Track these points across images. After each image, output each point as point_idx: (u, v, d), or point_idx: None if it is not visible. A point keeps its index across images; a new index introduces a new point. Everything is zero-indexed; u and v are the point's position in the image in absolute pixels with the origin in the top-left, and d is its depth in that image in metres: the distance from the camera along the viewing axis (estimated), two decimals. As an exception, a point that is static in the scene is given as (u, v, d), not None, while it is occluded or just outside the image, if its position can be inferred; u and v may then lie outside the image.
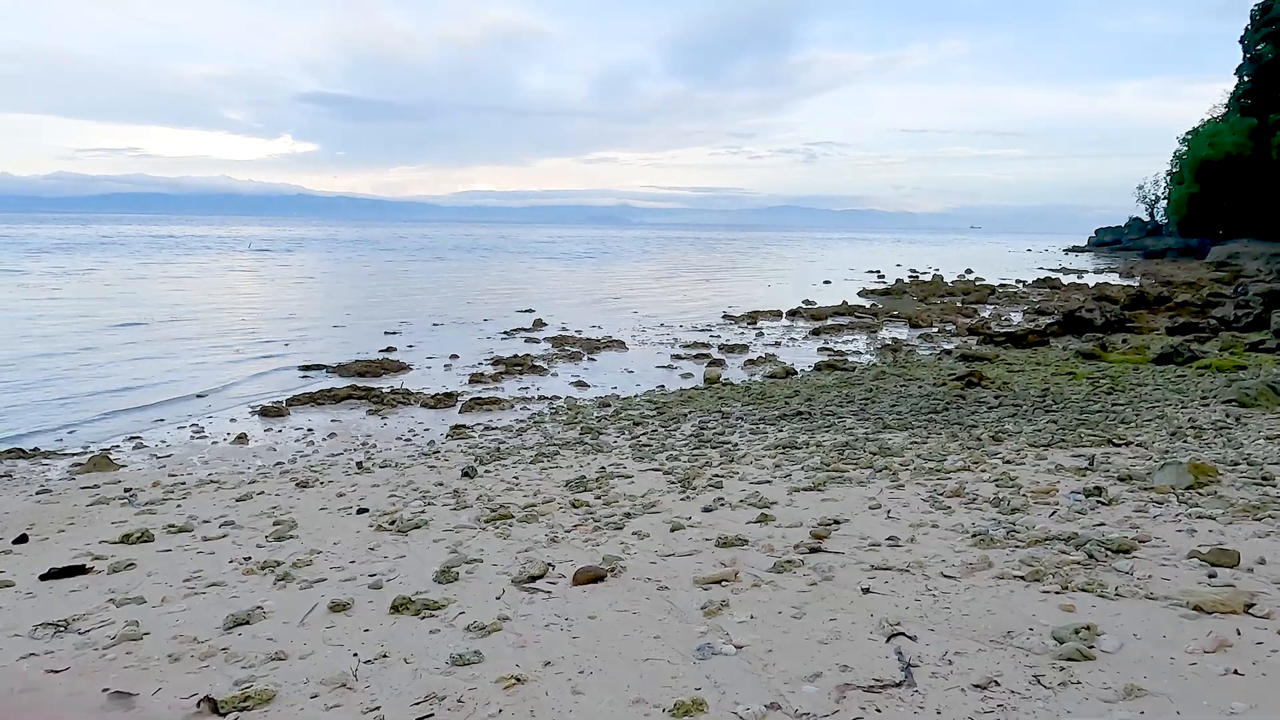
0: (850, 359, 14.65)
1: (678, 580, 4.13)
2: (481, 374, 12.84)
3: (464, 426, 9.17)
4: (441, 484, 6.51)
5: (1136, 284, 34.98)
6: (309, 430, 9.32)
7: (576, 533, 5.04)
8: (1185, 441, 7.20)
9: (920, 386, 11.15)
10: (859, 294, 30.50)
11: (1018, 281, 36.81)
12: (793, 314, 22.42)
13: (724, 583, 4.07)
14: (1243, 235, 56.02)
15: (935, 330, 19.25)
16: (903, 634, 3.38)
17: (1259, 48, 62.48)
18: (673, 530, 5.00)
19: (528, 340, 17.25)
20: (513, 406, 10.56)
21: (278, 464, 7.62)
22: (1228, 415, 8.28)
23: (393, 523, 5.36)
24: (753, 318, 21.44)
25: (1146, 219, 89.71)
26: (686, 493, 5.94)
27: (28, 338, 16.38)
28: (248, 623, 3.74)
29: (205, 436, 9.09)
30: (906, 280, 36.76)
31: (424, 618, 3.76)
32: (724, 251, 76.69)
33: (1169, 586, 3.79)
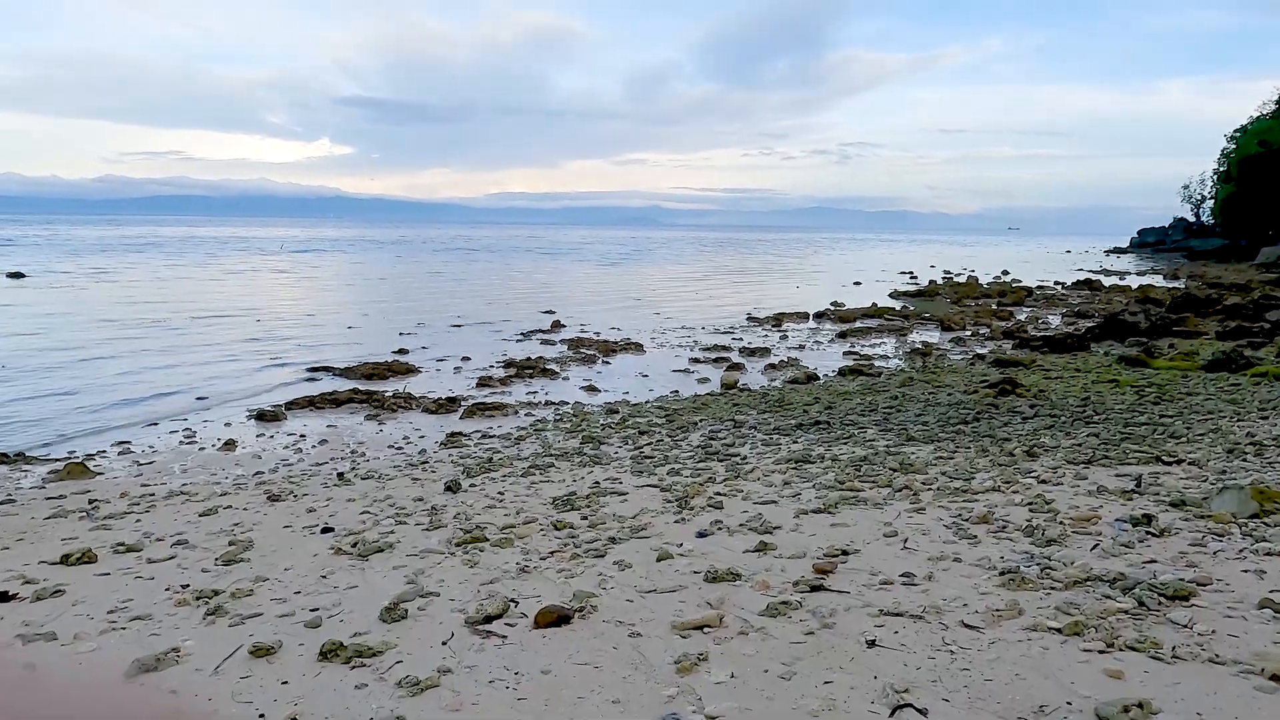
0: (877, 364, 13.95)
1: (653, 624, 3.59)
2: (490, 377, 12.39)
3: (460, 434, 8.70)
4: (421, 499, 6.03)
5: (1182, 286, 33.60)
6: (301, 436, 8.92)
7: (552, 560, 4.52)
8: (1244, 460, 6.47)
9: (950, 394, 10.46)
10: (890, 295, 29.63)
11: (1056, 284, 35.59)
12: (820, 316, 21.71)
13: (706, 628, 3.52)
14: (1294, 235, 53.83)
15: (968, 334, 18.43)
16: (911, 706, 2.80)
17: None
18: (659, 560, 4.45)
19: (544, 342, 16.80)
20: (516, 412, 10.08)
21: (257, 474, 7.21)
22: (1291, 430, 7.51)
23: (355, 545, 4.88)
24: (778, 320, 20.78)
25: (1192, 219, 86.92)
26: (682, 514, 5.39)
27: (40, 336, 16.32)
28: (155, 668, 3.27)
29: (194, 442, 8.74)
30: (940, 282, 35.73)
31: (354, 667, 3.26)
32: (754, 253, 75.80)
33: (1238, 647, 3.16)
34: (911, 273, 43.33)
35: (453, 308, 23.61)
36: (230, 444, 8.49)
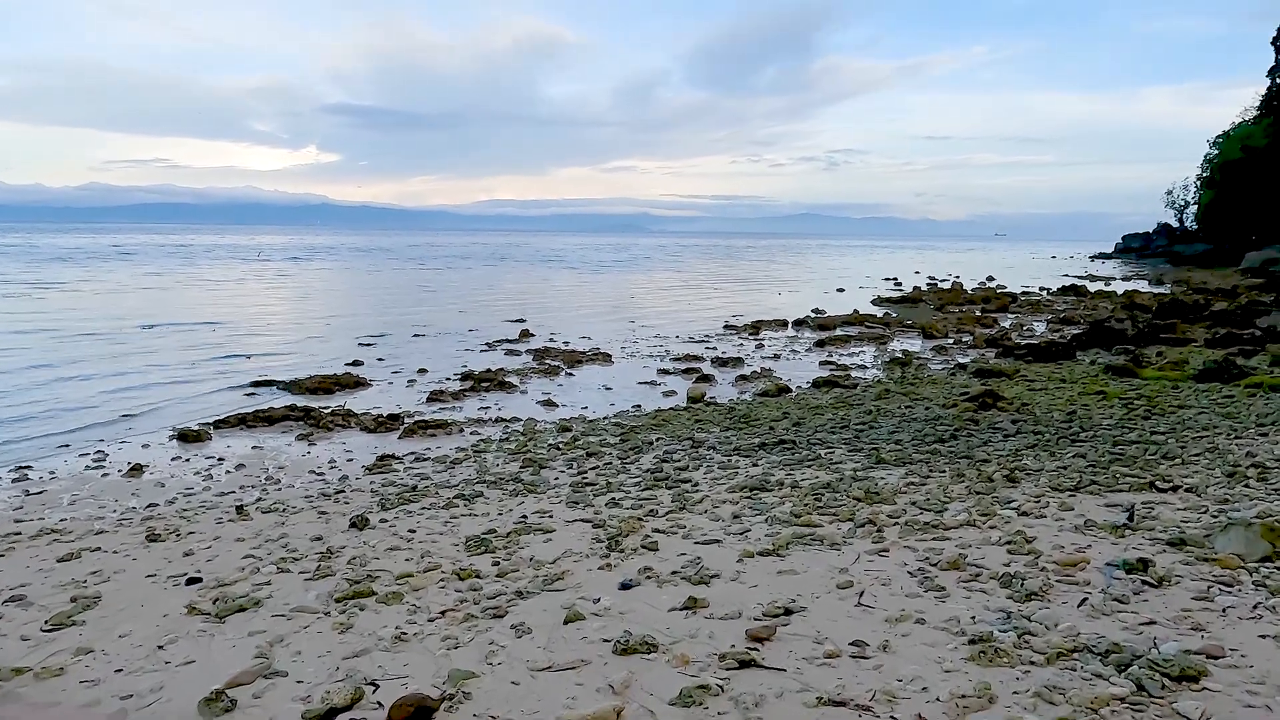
0: (854, 374, 13.29)
1: (535, 720, 2.87)
2: (443, 391, 11.63)
3: (392, 457, 7.95)
4: (320, 538, 5.29)
5: (1167, 291, 33.21)
6: (219, 460, 8.14)
7: (441, 622, 3.80)
8: (1247, 485, 5.82)
9: (927, 408, 9.80)
10: (873, 302, 29.05)
11: (1041, 289, 35.16)
12: (799, 324, 21.06)
13: (599, 727, 2.81)
14: (1275, 241, 53.76)
15: (951, 341, 17.82)
16: None
17: (1292, 49, 60.35)
18: (567, 621, 3.73)
19: (509, 352, 16.06)
20: (461, 431, 9.33)
21: (151, 505, 6.44)
22: (1294, 449, 6.88)
23: (218, 600, 4.14)
24: (756, 328, 20.11)
25: (1175, 224, 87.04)
26: (610, 557, 4.67)
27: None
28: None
29: (99, 467, 7.94)
30: (924, 288, 35.23)
31: (133, 791, 2.53)
32: (740, 259, 75.28)
33: (1267, 757, 2.47)
34: (896, 279, 42.83)
35: (420, 316, 22.82)
36: (137, 469, 7.71)
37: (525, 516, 5.63)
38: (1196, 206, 77.09)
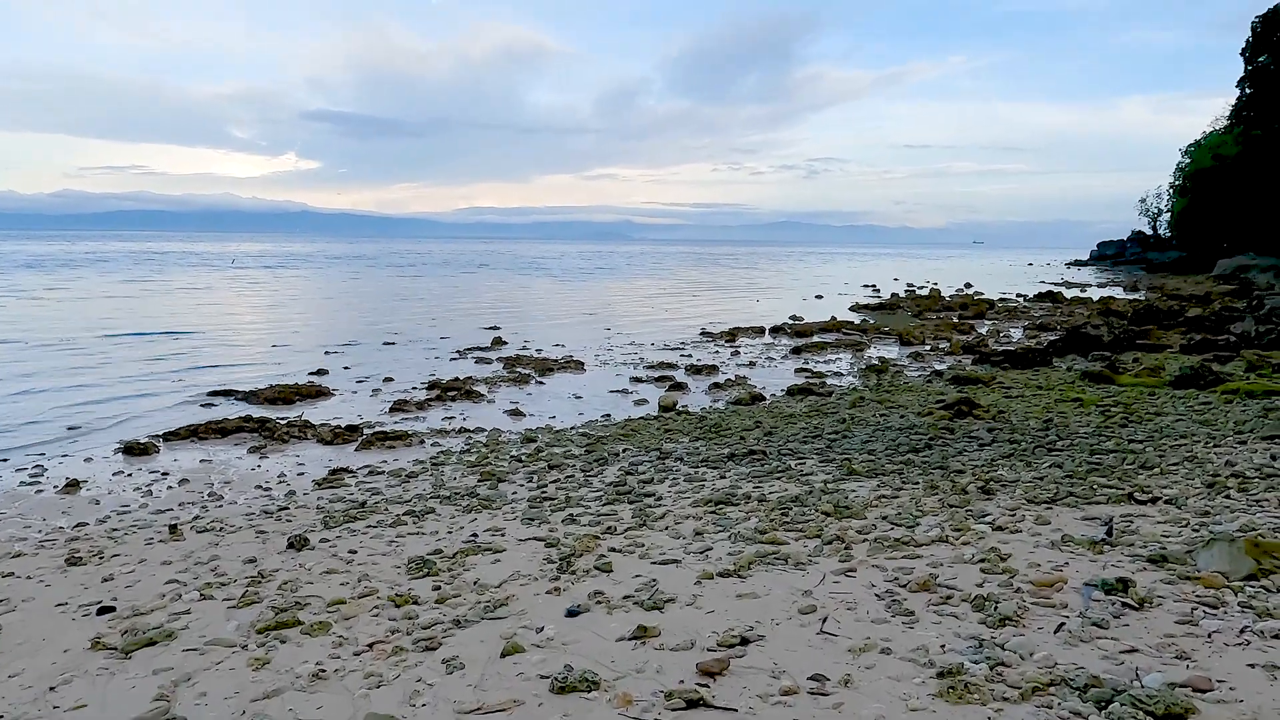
0: (829, 382, 13.08)
1: (453, 774, 2.56)
2: (407, 401, 11.27)
3: (346, 471, 7.60)
4: (254, 560, 4.95)
5: (1142, 297, 33.42)
6: (163, 475, 7.75)
7: (368, 656, 3.48)
8: (1227, 496, 5.62)
9: (902, 416, 9.58)
10: (851, 309, 28.95)
11: (1018, 296, 35.27)
12: (776, 331, 20.86)
13: (524, 781, 2.50)
14: (1246, 248, 54.56)
15: (928, 348, 17.68)
16: None
17: (1260, 59, 61.34)
18: (505, 654, 3.43)
19: (479, 360, 15.71)
20: (422, 442, 8.99)
21: (80, 525, 6.06)
22: (1273, 457, 6.70)
23: (126, 633, 3.79)
24: (732, 335, 19.89)
25: (1149, 232, 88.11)
26: (561, 579, 4.37)
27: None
28: None
29: (34, 483, 7.52)
30: (902, 295, 35.23)
31: None
32: (720, 266, 75.25)
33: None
34: (875, 285, 42.87)
35: (392, 324, 22.40)
36: (73, 485, 7.30)
37: (476, 535, 5.31)
38: (1170, 214, 78.02)
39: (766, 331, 20.86)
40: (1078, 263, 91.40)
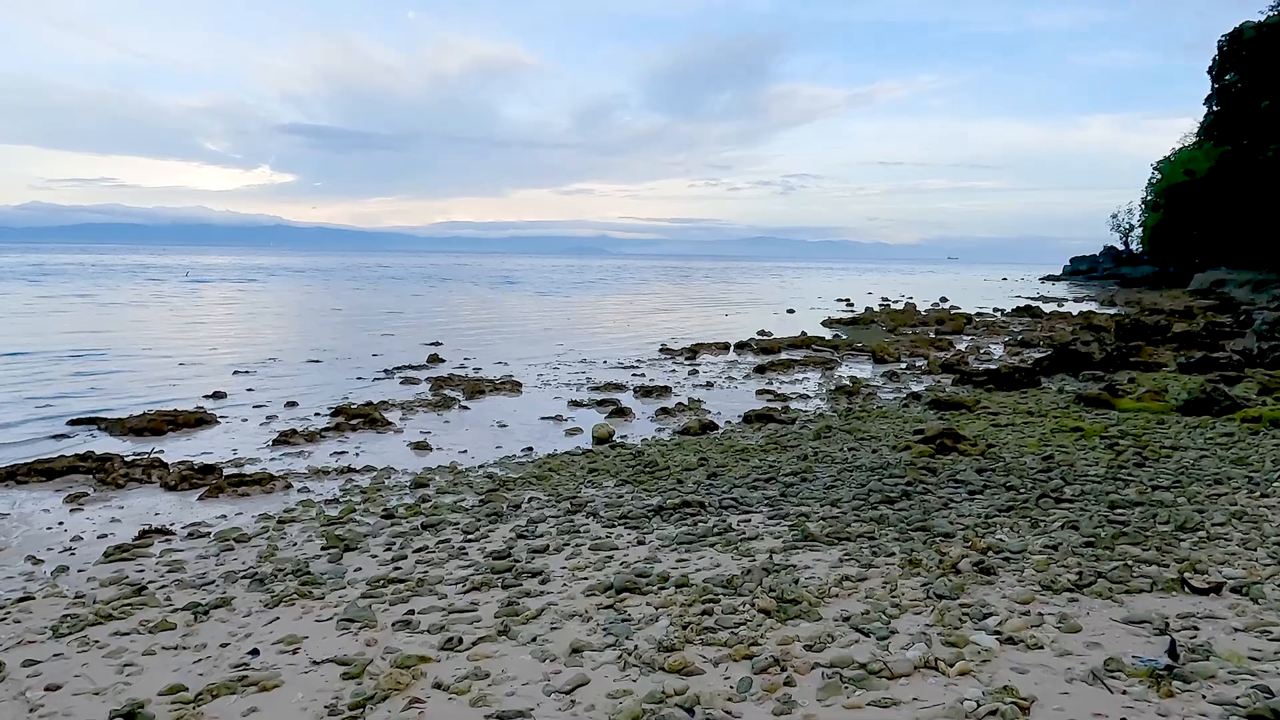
0: (793, 406, 11.55)
1: None
2: (295, 432, 9.56)
3: (159, 533, 5.88)
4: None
5: (1121, 312, 32.43)
6: (-73, 536, 5.99)
7: None
8: (1310, 576, 4.12)
9: (875, 451, 8.05)
10: (823, 324, 27.56)
11: (995, 310, 34.18)
12: (741, 347, 19.34)
13: None
14: (1218, 262, 54.25)
15: (903, 366, 16.25)
16: None
17: (1227, 77, 61.49)
18: None
19: (406, 381, 14.01)
20: (288, 487, 7.30)
21: None
22: (1344, 513, 5.24)
23: None
24: (693, 351, 18.33)
25: (1121, 247, 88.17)
26: (330, 753, 2.74)
27: None
28: None
29: None
30: (877, 309, 33.96)
31: None
32: (694, 281, 73.90)
33: None
34: (848, 300, 41.64)
35: (326, 340, 20.62)
36: None
37: (258, 650, 3.66)
38: (1141, 229, 78.01)
39: (731, 348, 19.35)
40: (1051, 278, 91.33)
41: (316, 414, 11.02)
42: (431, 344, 19.44)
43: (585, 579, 4.54)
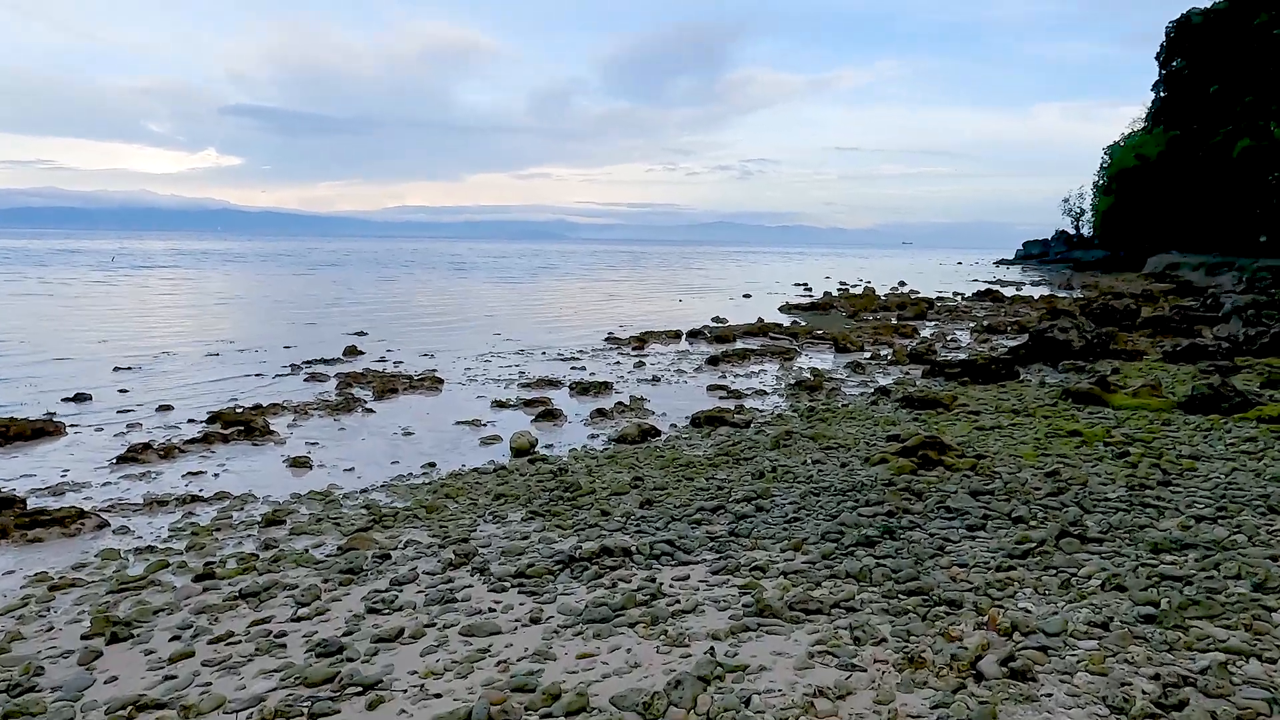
0: (748, 404, 10.17)
1: None
2: (148, 446, 7.87)
3: None
4: None
5: (1080, 296, 31.82)
6: None
7: None
8: None
9: (844, 463, 6.69)
10: (781, 309, 26.32)
11: (956, 295, 33.35)
12: (694, 335, 17.94)
13: None
14: (1168, 245, 54.55)
15: (867, 355, 15.01)
16: None
17: (1175, 63, 61.82)
18: None
19: (312, 377, 12.31)
20: (103, 526, 5.67)
21: None
22: None
23: None
24: (642, 341, 16.86)
25: (1073, 231, 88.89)
26: None
27: None
28: None
29: None
30: (836, 294, 32.87)
31: None
32: (650, 265, 72.36)
33: None
34: (806, 284, 40.56)
35: (235, 331, 18.69)
36: None
37: None
38: (1093, 213, 78.54)
39: (683, 336, 17.93)
40: (1004, 261, 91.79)
41: (190, 420, 9.34)
42: (355, 334, 17.69)
43: (436, 697, 3.05)
